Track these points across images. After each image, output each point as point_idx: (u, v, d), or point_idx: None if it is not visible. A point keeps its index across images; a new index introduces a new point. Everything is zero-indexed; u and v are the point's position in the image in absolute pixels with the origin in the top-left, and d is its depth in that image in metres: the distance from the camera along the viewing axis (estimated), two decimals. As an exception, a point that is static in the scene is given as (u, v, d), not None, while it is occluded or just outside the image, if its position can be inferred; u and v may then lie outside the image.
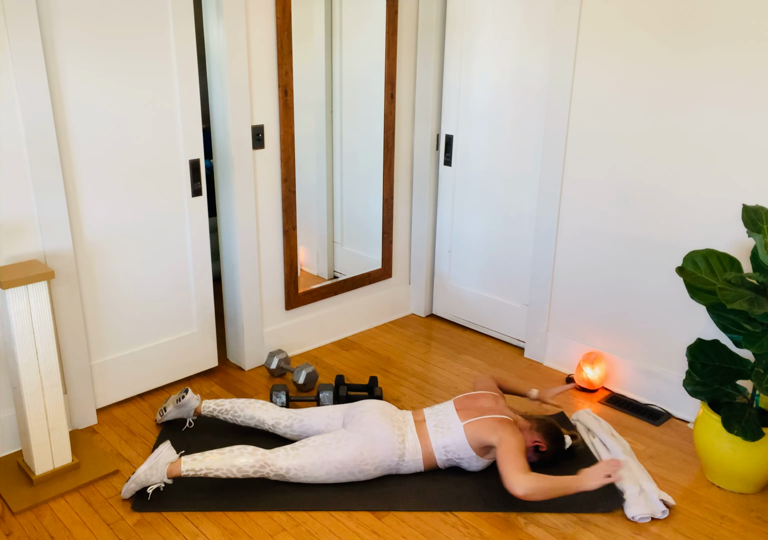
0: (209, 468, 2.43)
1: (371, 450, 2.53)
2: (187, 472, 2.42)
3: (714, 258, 2.56)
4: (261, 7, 3.00)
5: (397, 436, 2.56)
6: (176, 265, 3.12)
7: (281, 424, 2.75)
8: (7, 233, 2.56)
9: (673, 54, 2.78)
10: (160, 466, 2.43)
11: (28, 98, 2.47)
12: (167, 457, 2.45)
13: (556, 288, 3.43)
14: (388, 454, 2.54)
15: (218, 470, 2.44)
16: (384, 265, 3.94)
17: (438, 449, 2.59)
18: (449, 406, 2.69)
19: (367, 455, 2.52)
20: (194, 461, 2.44)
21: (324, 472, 2.51)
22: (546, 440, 2.63)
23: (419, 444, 2.58)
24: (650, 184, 2.97)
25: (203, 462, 2.44)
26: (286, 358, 3.37)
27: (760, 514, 2.51)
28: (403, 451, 2.56)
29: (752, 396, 2.57)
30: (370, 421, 2.57)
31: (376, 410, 2.63)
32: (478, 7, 3.44)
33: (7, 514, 2.44)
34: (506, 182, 3.56)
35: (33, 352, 2.44)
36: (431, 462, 2.61)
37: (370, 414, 2.60)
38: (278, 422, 2.76)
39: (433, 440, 2.59)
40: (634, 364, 3.19)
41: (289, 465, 2.49)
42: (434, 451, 2.59)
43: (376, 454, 2.53)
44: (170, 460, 2.44)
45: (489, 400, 2.70)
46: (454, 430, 2.57)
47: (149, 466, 2.43)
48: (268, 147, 3.21)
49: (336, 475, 2.52)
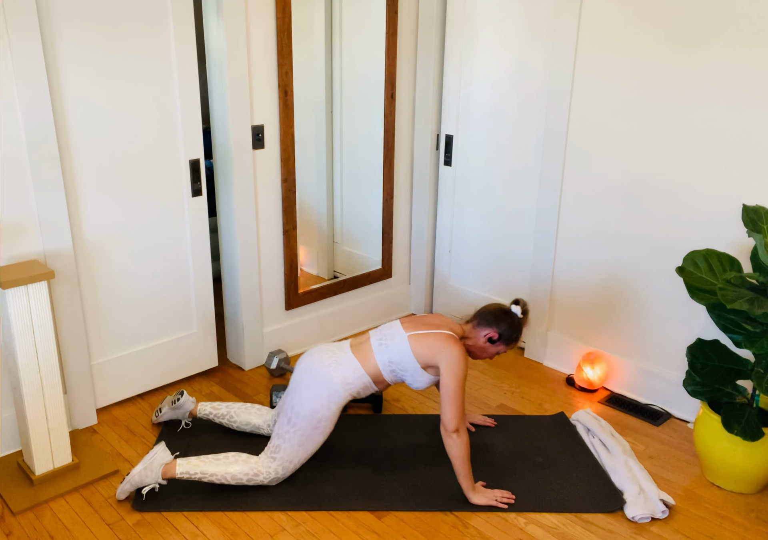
0: (204, 472, 2.44)
1: (311, 396, 2.47)
2: (181, 475, 2.43)
3: (714, 258, 2.56)
4: (261, 7, 3.00)
5: (327, 367, 2.50)
6: (176, 265, 3.12)
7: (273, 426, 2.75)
8: (7, 233, 2.56)
9: (674, 52, 2.78)
10: (155, 467, 2.43)
11: (28, 98, 2.47)
12: (162, 458, 2.44)
13: (556, 288, 3.43)
14: (329, 390, 2.47)
15: (213, 475, 2.44)
16: (384, 265, 3.94)
17: (383, 363, 2.51)
18: (395, 323, 2.62)
19: (315, 405, 2.47)
20: (189, 464, 2.44)
21: (303, 449, 2.50)
22: (492, 327, 2.58)
23: (358, 363, 2.51)
24: (650, 183, 2.97)
25: (198, 467, 2.44)
26: (286, 358, 3.37)
27: (760, 514, 2.51)
28: (343, 375, 2.49)
29: (752, 396, 2.57)
30: (299, 380, 2.53)
31: (302, 366, 2.57)
32: (478, 7, 3.44)
33: (7, 514, 2.44)
34: (506, 182, 3.56)
35: (33, 352, 2.44)
36: (379, 378, 2.54)
37: (297, 374, 2.55)
38: (272, 424, 2.76)
39: (377, 353, 2.52)
40: (634, 364, 3.19)
41: (276, 465, 2.50)
42: (379, 364, 2.52)
43: (318, 396, 2.47)
44: (165, 461, 2.44)
45: (436, 318, 2.64)
46: (399, 342, 2.51)
47: (144, 466, 2.43)
48: (268, 147, 3.21)
49: (312, 442, 2.50)
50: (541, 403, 3.21)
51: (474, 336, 2.60)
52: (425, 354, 2.49)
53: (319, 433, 2.50)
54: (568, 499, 2.53)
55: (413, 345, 2.50)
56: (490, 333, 2.57)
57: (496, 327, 2.58)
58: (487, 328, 2.58)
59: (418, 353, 2.49)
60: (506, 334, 2.58)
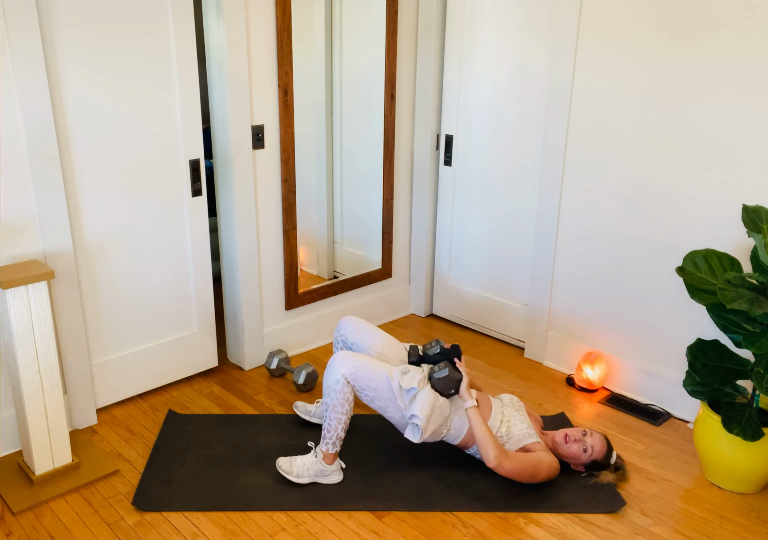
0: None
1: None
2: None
3: (714, 258, 2.56)
4: (261, 7, 3.00)
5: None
6: (176, 265, 3.12)
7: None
8: (7, 233, 2.55)
9: (674, 53, 2.78)
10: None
11: (28, 98, 2.47)
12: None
13: (556, 288, 3.43)
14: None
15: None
16: (384, 265, 3.94)
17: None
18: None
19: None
20: None
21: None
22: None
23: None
24: (650, 183, 2.97)
25: None
26: (286, 358, 3.37)
27: (760, 514, 2.51)
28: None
29: (752, 396, 2.57)
30: None
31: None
32: (477, 7, 3.44)
33: (7, 514, 2.44)
34: (506, 182, 3.56)
35: (33, 352, 2.44)
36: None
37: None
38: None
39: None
40: (634, 364, 3.19)
41: None
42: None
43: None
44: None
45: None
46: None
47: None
48: (268, 147, 3.21)
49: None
50: (541, 403, 3.21)
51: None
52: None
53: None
54: (568, 499, 2.53)
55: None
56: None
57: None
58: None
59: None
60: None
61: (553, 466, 2.52)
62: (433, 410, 2.46)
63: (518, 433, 2.56)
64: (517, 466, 2.46)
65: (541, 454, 2.51)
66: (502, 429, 2.58)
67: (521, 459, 2.47)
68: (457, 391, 2.54)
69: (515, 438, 2.56)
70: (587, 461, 2.59)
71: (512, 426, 2.58)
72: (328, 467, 2.56)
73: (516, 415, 2.63)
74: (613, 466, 2.63)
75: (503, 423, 2.59)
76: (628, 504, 2.54)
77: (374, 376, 2.50)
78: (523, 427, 2.58)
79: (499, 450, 2.45)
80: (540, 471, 2.49)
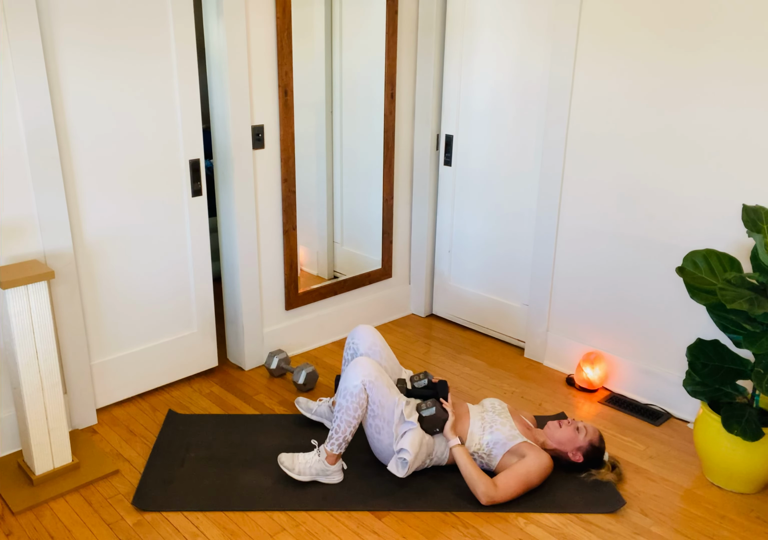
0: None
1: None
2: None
3: (714, 258, 2.56)
4: (261, 7, 3.00)
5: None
6: (176, 265, 3.12)
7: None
8: (7, 233, 2.56)
9: (673, 54, 2.78)
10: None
11: (28, 98, 2.47)
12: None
13: (556, 288, 3.43)
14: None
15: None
16: (384, 265, 3.94)
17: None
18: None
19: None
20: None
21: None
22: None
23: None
24: (650, 183, 2.97)
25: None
26: (286, 358, 3.37)
27: (760, 514, 2.51)
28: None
29: (752, 396, 2.57)
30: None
31: None
32: (478, 7, 3.44)
33: (7, 514, 2.44)
34: (506, 182, 3.56)
35: (33, 352, 2.44)
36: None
37: None
38: None
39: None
40: (634, 364, 3.19)
41: None
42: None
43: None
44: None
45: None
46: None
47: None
48: (268, 147, 3.21)
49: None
50: (541, 403, 3.21)
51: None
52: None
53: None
54: (568, 499, 2.53)
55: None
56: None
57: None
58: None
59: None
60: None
61: (544, 466, 2.52)
62: (420, 447, 2.50)
63: (502, 437, 2.57)
64: (509, 492, 2.47)
65: (529, 460, 2.51)
66: (485, 437, 2.59)
67: (510, 484, 2.47)
68: (442, 430, 2.57)
69: (500, 442, 2.56)
70: (584, 444, 2.60)
71: (495, 430, 2.59)
72: (330, 467, 2.56)
73: (498, 419, 2.64)
74: (609, 463, 2.64)
75: (485, 430, 2.60)
76: (628, 504, 2.54)
77: (388, 393, 2.52)
78: (506, 430, 2.59)
79: (486, 486, 2.45)
80: (532, 480, 2.50)
